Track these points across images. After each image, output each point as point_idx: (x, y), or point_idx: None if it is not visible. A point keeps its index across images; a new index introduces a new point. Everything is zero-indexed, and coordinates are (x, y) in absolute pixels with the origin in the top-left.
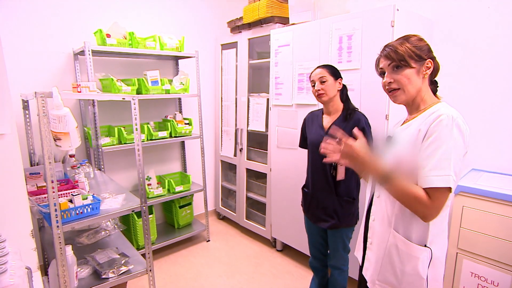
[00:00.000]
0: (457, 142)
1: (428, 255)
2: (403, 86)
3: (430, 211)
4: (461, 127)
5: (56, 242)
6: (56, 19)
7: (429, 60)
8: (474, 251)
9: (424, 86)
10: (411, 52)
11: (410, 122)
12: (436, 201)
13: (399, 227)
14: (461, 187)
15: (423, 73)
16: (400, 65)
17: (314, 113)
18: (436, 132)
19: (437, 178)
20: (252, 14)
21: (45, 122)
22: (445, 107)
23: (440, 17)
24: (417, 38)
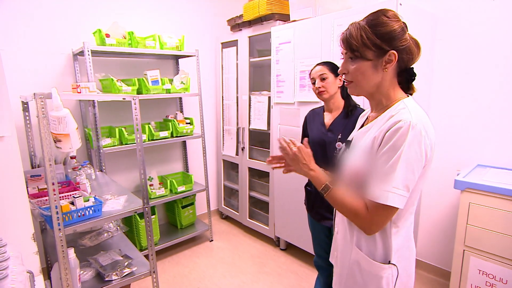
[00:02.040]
0: (411, 154)
1: (393, 273)
2: (356, 81)
3: (368, 225)
4: (420, 136)
5: (58, 245)
6: (55, 20)
7: (392, 52)
8: (482, 248)
9: (387, 81)
10: (367, 41)
11: (370, 125)
12: (374, 216)
13: (361, 243)
14: (467, 184)
15: (383, 68)
16: (354, 56)
17: (315, 111)
18: (390, 142)
19: (379, 192)
20: (252, 11)
21: (44, 124)
22: (406, 110)
23: (443, 11)
24: (384, 20)
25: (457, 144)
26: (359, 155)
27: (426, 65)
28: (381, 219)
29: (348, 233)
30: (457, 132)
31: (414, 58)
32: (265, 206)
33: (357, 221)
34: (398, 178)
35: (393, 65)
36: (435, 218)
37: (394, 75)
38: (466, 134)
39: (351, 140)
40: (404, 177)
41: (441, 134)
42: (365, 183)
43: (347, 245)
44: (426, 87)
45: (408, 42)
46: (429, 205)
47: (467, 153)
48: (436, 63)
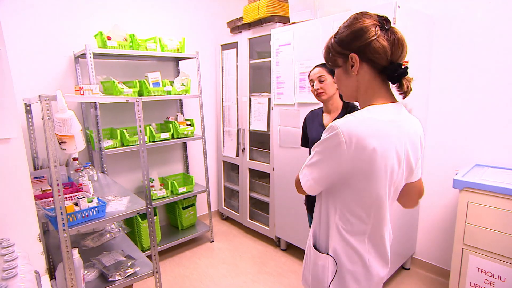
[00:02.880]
0: (324, 152)
1: (330, 264)
2: (338, 87)
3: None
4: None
5: (62, 246)
6: (57, 23)
7: (352, 54)
8: (480, 246)
9: (364, 84)
10: (332, 50)
11: None
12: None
13: (316, 230)
14: (466, 183)
15: (351, 71)
16: (330, 66)
17: (314, 112)
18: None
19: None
20: (252, 14)
21: (49, 126)
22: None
23: (441, 13)
24: (345, 24)
25: (455, 144)
26: None
27: (424, 66)
28: (295, 181)
29: (314, 219)
30: (455, 132)
31: (386, 55)
32: (265, 206)
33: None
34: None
35: (357, 67)
36: (434, 218)
37: (372, 76)
38: (464, 134)
39: None
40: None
41: (439, 134)
42: None
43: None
44: (424, 88)
45: (369, 40)
46: (428, 204)
47: (465, 153)
48: (434, 64)
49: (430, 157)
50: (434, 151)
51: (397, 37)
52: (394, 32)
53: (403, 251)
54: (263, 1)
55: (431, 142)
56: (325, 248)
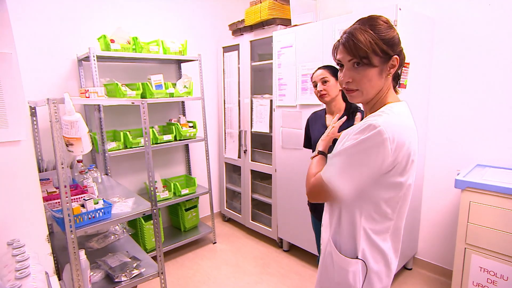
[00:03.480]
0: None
1: (360, 268)
2: (362, 88)
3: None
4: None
5: (70, 247)
6: (60, 26)
7: (395, 57)
8: (482, 246)
9: (386, 85)
10: (375, 47)
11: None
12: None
13: (336, 236)
14: (467, 183)
15: (387, 73)
16: (362, 63)
17: (317, 113)
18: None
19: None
20: (254, 16)
21: (57, 128)
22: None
23: (442, 15)
24: (385, 27)
25: (457, 144)
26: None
27: (426, 67)
28: (316, 190)
29: (328, 227)
30: (457, 132)
31: (404, 61)
32: (267, 208)
33: (306, 185)
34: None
35: (395, 69)
36: (436, 217)
37: (391, 79)
38: (465, 135)
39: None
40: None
41: (440, 134)
42: None
43: (326, 238)
44: (425, 89)
45: (402, 46)
46: (430, 204)
47: (466, 153)
48: (435, 65)
49: (432, 157)
50: (435, 151)
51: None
52: None
53: (405, 251)
54: (264, 3)
55: (432, 142)
56: (351, 253)
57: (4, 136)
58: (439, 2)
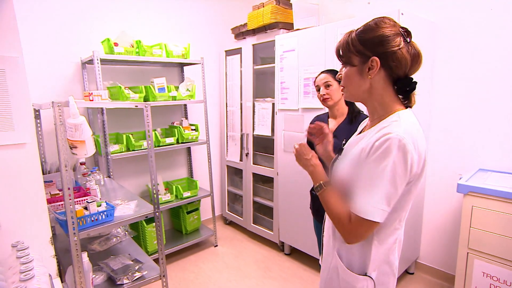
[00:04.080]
0: (396, 167)
1: (368, 285)
2: (345, 86)
3: (348, 234)
4: (406, 150)
5: (73, 249)
6: (64, 29)
7: (374, 58)
8: (485, 250)
9: (378, 88)
10: (351, 48)
11: (363, 135)
12: (354, 227)
13: (342, 250)
14: (470, 187)
15: (367, 74)
16: (343, 62)
17: (320, 117)
18: (376, 154)
19: (360, 205)
20: (257, 20)
21: (62, 131)
22: (397, 123)
23: (444, 20)
24: (370, 28)
25: (459, 149)
26: (347, 164)
27: (428, 72)
28: (361, 232)
29: (331, 238)
30: (459, 137)
31: (405, 67)
32: (269, 211)
33: (339, 228)
34: (380, 193)
35: (375, 71)
36: (438, 222)
37: (387, 83)
38: (467, 139)
39: (343, 148)
40: (386, 191)
41: (442, 139)
42: (350, 193)
43: (330, 250)
44: (427, 93)
45: (394, 48)
46: (431, 209)
47: (468, 157)
48: (437, 69)
49: (434, 162)
50: (437, 156)
51: (417, 52)
52: (414, 46)
53: (407, 256)
54: (267, 8)
55: (434, 146)
56: (359, 268)
57: (10, 139)
58: (441, 7)
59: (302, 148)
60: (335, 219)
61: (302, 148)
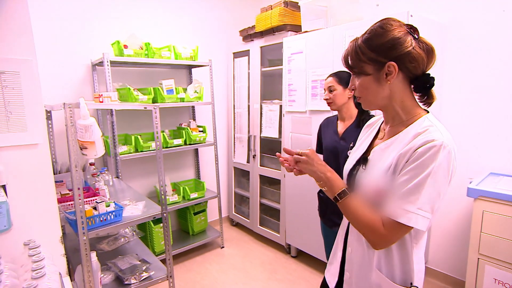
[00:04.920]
0: (439, 175)
1: None
2: (363, 96)
3: (382, 241)
4: (450, 157)
5: (82, 249)
6: (75, 32)
7: (390, 63)
8: (497, 256)
9: (398, 92)
10: (362, 57)
11: (390, 141)
12: (390, 233)
13: (382, 264)
14: (480, 192)
15: (386, 81)
16: (355, 73)
17: (329, 119)
18: (419, 160)
19: (401, 211)
20: (265, 22)
21: (72, 132)
22: (435, 129)
23: (454, 22)
24: (377, 33)
25: (469, 152)
26: (378, 174)
27: (437, 74)
28: (395, 238)
29: (366, 253)
30: (469, 139)
31: (422, 64)
32: (275, 213)
33: (371, 236)
34: (424, 199)
35: (394, 76)
36: (447, 226)
37: (405, 84)
38: (478, 142)
39: (367, 157)
40: (430, 198)
41: None
42: (384, 203)
43: (366, 266)
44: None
45: (409, 49)
46: (441, 212)
47: (479, 161)
48: (446, 71)
49: None
50: None
51: (430, 46)
52: (424, 42)
53: None
54: (275, 10)
55: None
56: (402, 280)
57: (23, 140)
58: (451, 9)
59: (314, 153)
60: (366, 226)
61: (314, 153)
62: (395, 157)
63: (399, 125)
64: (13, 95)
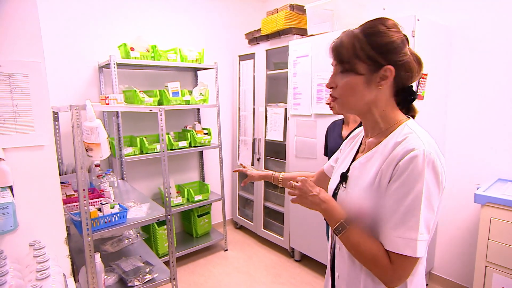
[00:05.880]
0: (430, 187)
1: None
2: (342, 97)
3: (391, 278)
4: (436, 166)
5: (86, 250)
6: (83, 34)
7: (388, 67)
8: (505, 264)
9: (382, 100)
10: (360, 53)
11: (370, 154)
12: (398, 268)
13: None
14: (488, 198)
15: (377, 84)
16: (344, 69)
17: (336, 123)
18: (403, 175)
19: (402, 241)
20: (270, 26)
21: (78, 134)
22: (414, 136)
23: (461, 25)
24: (379, 31)
25: (476, 158)
26: (359, 193)
27: (443, 78)
28: (407, 272)
29: (353, 280)
30: (477, 145)
31: (414, 76)
32: (279, 216)
33: (378, 272)
34: (421, 221)
35: (388, 82)
36: (453, 233)
37: (391, 94)
38: (485, 147)
39: (346, 172)
40: (425, 217)
41: (460, 147)
42: (374, 224)
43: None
44: (443, 100)
45: (407, 57)
46: (446, 219)
47: (487, 167)
48: (453, 75)
49: (450, 171)
50: (453, 165)
51: (418, 57)
52: (414, 53)
53: None
54: (281, 13)
55: (450, 155)
56: None
57: (30, 141)
58: (458, 11)
59: (305, 184)
60: (370, 262)
61: (305, 185)
62: (376, 172)
63: (379, 136)
64: (21, 97)
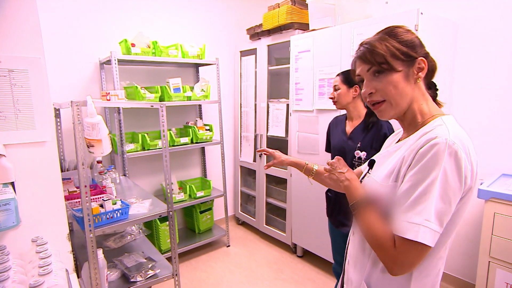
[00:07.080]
0: (448, 177)
1: None
2: (389, 98)
3: (392, 263)
4: (460, 158)
5: (88, 246)
6: (84, 31)
7: (421, 58)
8: (508, 260)
9: (419, 93)
10: (395, 50)
11: (399, 144)
12: (400, 254)
13: (371, 279)
14: (492, 193)
15: (415, 77)
16: (382, 70)
17: (338, 118)
18: (422, 161)
19: (407, 225)
20: (272, 21)
21: (79, 130)
22: (443, 127)
23: (465, 19)
24: (401, 31)
25: (480, 153)
26: (381, 177)
27: (448, 73)
28: (409, 259)
29: (359, 265)
30: (480, 139)
31: (435, 70)
32: (282, 212)
33: (381, 256)
34: (431, 208)
35: (424, 73)
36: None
37: (425, 87)
38: (489, 142)
39: (374, 160)
40: (438, 207)
41: None
42: (390, 210)
43: (358, 279)
44: (447, 95)
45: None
46: None
47: (490, 161)
48: (457, 70)
49: None
50: None
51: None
52: None
53: None
54: (282, 8)
55: None
56: None
57: (32, 137)
58: (463, 6)
59: (339, 161)
60: (376, 245)
61: (339, 161)
62: (398, 160)
63: (415, 129)
64: (21, 93)
